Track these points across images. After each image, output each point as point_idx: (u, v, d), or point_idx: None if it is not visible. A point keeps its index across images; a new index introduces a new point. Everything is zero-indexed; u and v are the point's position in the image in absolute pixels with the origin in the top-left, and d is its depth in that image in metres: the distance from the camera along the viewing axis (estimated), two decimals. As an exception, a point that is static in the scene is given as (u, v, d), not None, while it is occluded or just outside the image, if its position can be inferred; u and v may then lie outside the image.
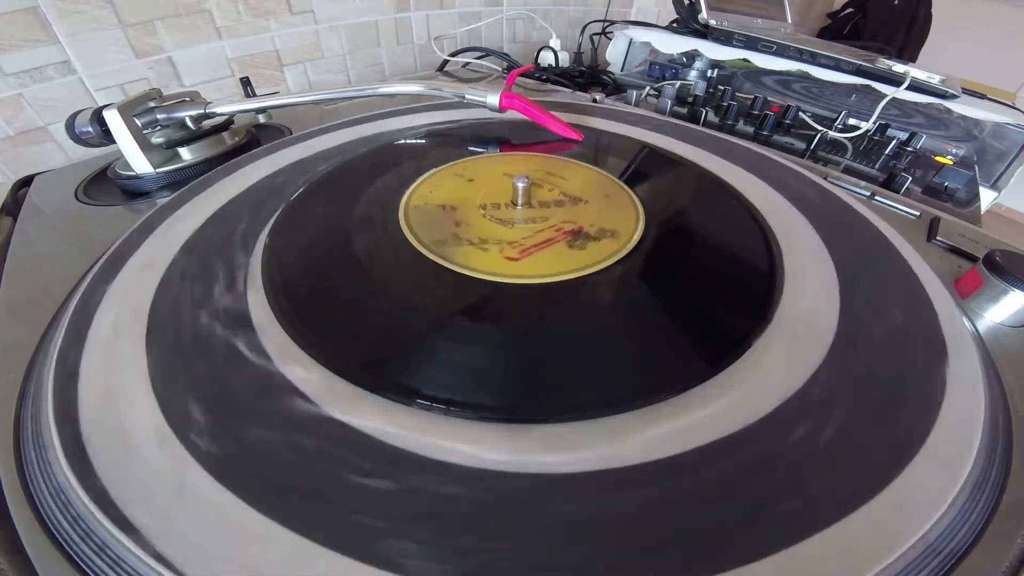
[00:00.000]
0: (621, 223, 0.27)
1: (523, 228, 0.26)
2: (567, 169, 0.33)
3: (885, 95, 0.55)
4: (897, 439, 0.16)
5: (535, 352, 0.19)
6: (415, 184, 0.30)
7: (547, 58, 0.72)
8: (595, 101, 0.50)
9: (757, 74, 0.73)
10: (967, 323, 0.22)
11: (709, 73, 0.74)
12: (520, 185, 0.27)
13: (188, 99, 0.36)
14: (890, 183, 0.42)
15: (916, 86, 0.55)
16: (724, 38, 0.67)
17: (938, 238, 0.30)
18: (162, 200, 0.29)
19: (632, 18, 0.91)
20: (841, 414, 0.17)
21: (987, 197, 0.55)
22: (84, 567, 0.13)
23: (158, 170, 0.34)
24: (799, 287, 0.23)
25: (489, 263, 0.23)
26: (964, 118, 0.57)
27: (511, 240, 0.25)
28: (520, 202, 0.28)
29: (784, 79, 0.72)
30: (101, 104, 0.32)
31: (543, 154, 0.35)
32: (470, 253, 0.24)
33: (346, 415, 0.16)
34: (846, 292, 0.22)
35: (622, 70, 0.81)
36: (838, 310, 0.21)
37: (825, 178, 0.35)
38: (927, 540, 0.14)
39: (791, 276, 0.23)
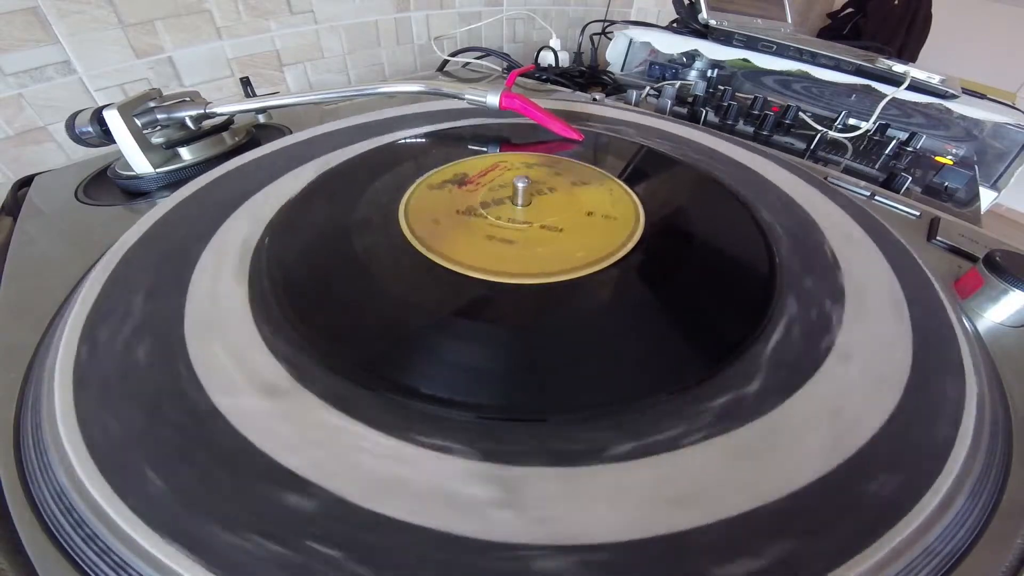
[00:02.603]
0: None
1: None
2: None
3: (885, 95, 0.55)
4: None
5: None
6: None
7: (547, 58, 0.72)
8: (595, 101, 0.50)
9: (757, 74, 0.73)
10: (967, 323, 0.22)
11: (709, 73, 0.74)
12: (520, 185, 0.27)
13: (188, 99, 0.36)
14: (890, 183, 0.42)
15: (916, 86, 0.55)
16: (724, 38, 0.67)
17: (938, 238, 0.30)
18: (162, 200, 0.29)
19: (632, 18, 0.91)
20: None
21: (987, 197, 0.55)
22: (84, 567, 0.13)
23: (158, 170, 0.34)
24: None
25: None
26: (964, 118, 0.57)
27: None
28: (520, 202, 0.28)
29: (784, 79, 0.72)
30: (101, 104, 0.32)
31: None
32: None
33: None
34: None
35: (622, 70, 0.81)
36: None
37: (825, 178, 0.35)
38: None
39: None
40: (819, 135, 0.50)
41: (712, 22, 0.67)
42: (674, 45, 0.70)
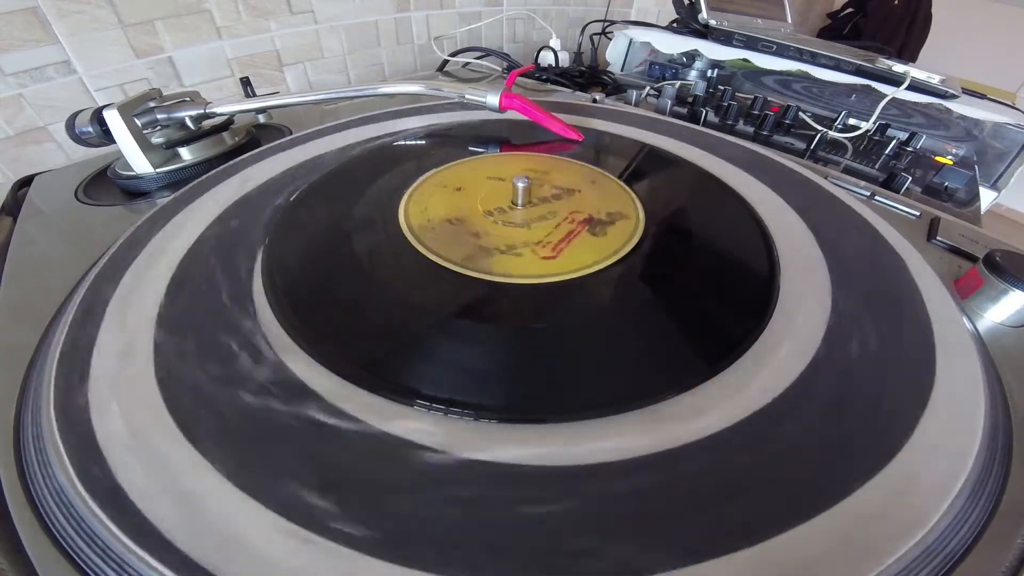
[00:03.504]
0: (620, 215, 0.27)
1: (540, 227, 0.26)
2: (563, 168, 0.33)
3: (885, 95, 0.55)
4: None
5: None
6: (410, 194, 0.30)
7: (547, 58, 0.72)
8: (595, 101, 0.50)
9: (757, 74, 0.73)
10: (967, 323, 0.22)
11: (709, 73, 0.74)
12: (520, 185, 0.27)
13: (188, 99, 0.36)
14: (890, 183, 0.42)
15: (916, 86, 0.55)
16: (724, 38, 0.67)
17: (938, 238, 0.30)
18: (162, 200, 0.29)
19: (632, 18, 0.91)
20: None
21: (987, 197, 0.55)
22: (84, 567, 0.13)
23: (158, 170, 0.34)
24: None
25: (527, 267, 0.23)
26: (964, 118, 0.57)
27: (537, 240, 0.25)
28: (521, 202, 0.28)
29: (784, 79, 0.72)
30: (101, 104, 0.32)
31: (540, 154, 0.35)
32: (505, 261, 0.24)
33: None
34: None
35: (622, 70, 0.81)
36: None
37: (825, 178, 0.35)
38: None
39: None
40: (819, 135, 0.50)
41: (712, 22, 0.67)
42: (674, 45, 0.70)
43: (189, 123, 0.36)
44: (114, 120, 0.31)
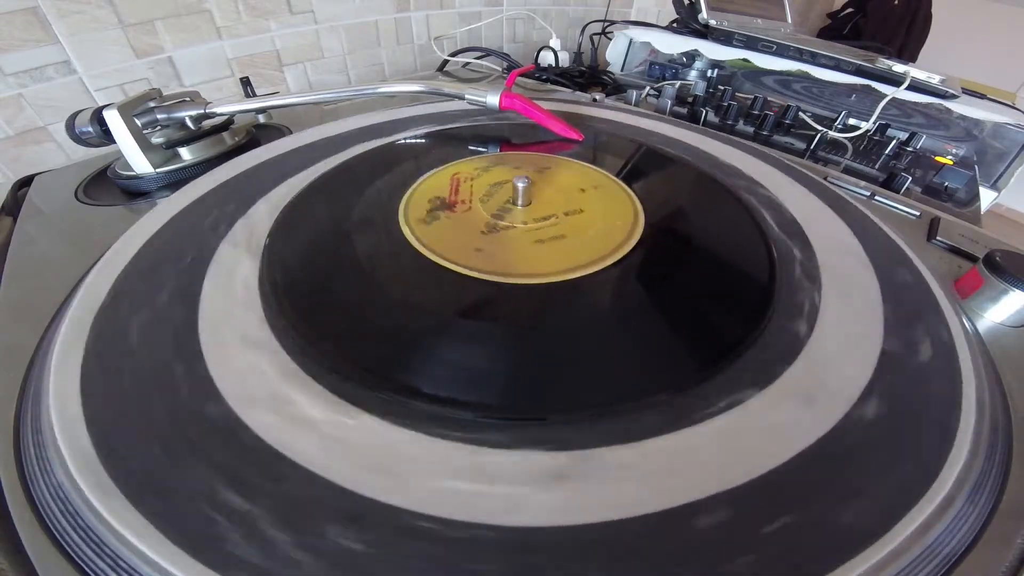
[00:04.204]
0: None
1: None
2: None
3: (885, 95, 0.55)
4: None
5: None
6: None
7: (547, 58, 0.72)
8: (595, 101, 0.50)
9: (757, 74, 0.73)
10: (967, 323, 0.22)
11: (709, 73, 0.74)
12: (520, 185, 0.27)
13: (188, 99, 0.36)
14: (890, 183, 0.42)
15: (916, 86, 0.55)
16: (724, 38, 0.67)
17: (938, 238, 0.30)
18: (162, 200, 0.29)
19: (632, 18, 0.91)
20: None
21: (987, 197, 0.55)
22: (84, 567, 0.13)
23: (158, 170, 0.34)
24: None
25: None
26: (964, 118, 0.57)
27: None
28: (521, 202, 0.28)
29: (784, 79, 0.72)
30: (101, 104, 0.32)
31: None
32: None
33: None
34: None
35: (622, 70, 0.81)
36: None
37: (825, 178, 0.35)
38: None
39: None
40: (819, 135, 0.50)
41: (712, 22, 0.67)
42: (674, 45, 0.70)
43: (189, 123, 0.36)
44: (114, 120, 0.31)
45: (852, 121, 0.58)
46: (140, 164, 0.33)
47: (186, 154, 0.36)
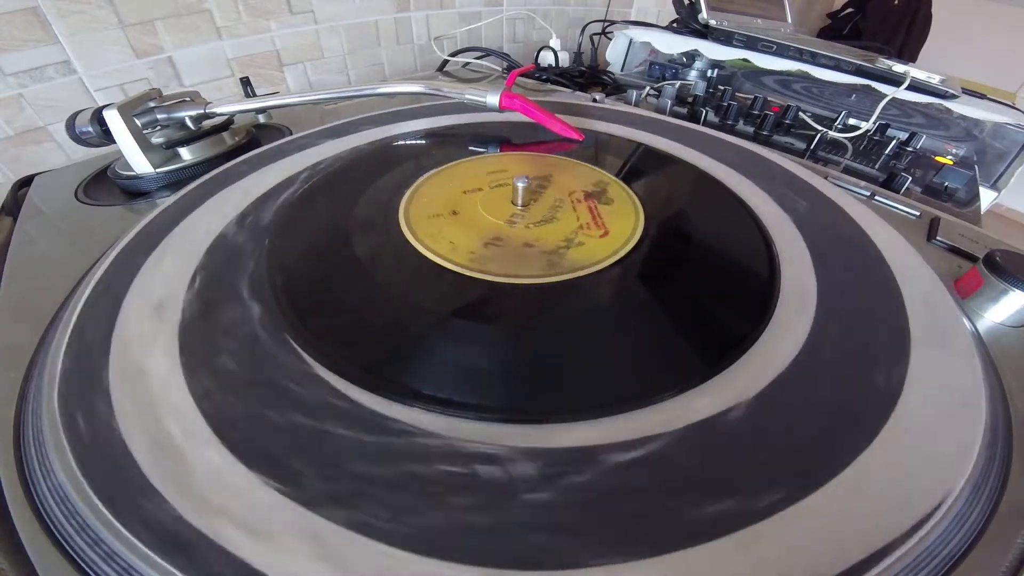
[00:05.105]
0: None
1: (566, 215, 0.27)
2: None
3: (885, 95, 0.55)
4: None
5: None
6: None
7: (547, 58, 0.72)
8: (595, 101, 0.50)
9: (757, 74, 0.73)
10: (967, 323, 0.22)
11: (709, 73, 0.74)
12: (520, 185, 0.27)
13: (188, 99, 0.36)
14: (890, 183, 0.42)
15: (916, 86, 0.55)
16: (724, 38, 0.67)
17: (938, 238, 0.30)
18: (162, 200, 0.29)
19: (632, 18, 0.91)
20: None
21: (987, 197, 0.55)
22: (84, 567, 0.13)
23: (158, 170, 0.34)
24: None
25: (596, 250, 0.24)
26: (964, 118, 0.57)
27: (574, 228, 0.26)
28: (520, 202, 0.28)
29: (784, 79, 0.72)
30: (101, 104, 0.32)
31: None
32: (574, 253, 0.24)
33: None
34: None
35: (622, 70, 0.81)
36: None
37: (825, 178, 0.35)
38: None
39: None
40: (819, 135, 0.50)
41: (712, 22, 0.67)
42: (674, 45, 0.70)
43: (189, 123, 0.36)
44: (114, 120, 0.31)
45: (852, 121, 0.58)
46: (140, 164, 0.33)
47: (186, 154, 0.36)
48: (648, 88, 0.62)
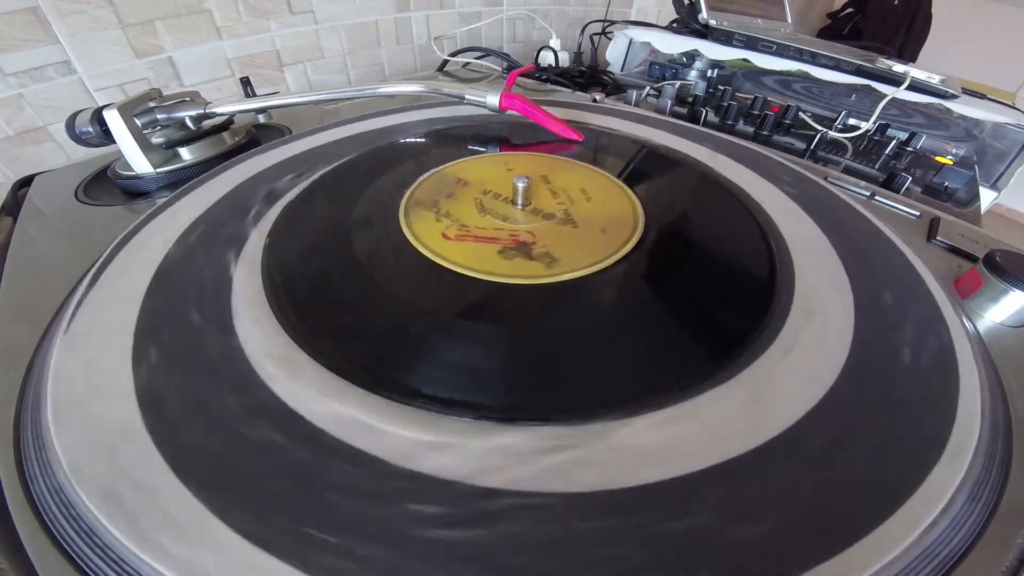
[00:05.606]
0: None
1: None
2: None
3: (885, 95, 0.55)
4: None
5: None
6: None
7: (547, 58, 0.72)
8: (595, 101, 0.50)
9: (757, 74, 0.73)
10: (967, 323, 0.22)
11: (709, 73, 0.74)
12: (520, 185, 0.27)
13: (188, 99, 0.36)
14: (890, 183, 0.42)
15: (916, 86, 0.55)
16: (724, 38, 0.67)
17: (938, 238, 0.30)
18: (162, 200, 0.29)
19: (632, 18, 0.91)
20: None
21: (987, 197, 0.55)
22: (84, 567, 0.13)
23: (158, 170, 0.34)
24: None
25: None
26: (964, 118, 0.57)
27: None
28: (520, 202, 0.28)
29: (784, 79, 0.72)
30: (101, 104, 0.32)
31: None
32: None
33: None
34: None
35: (622, 70, 0.81)
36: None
37: (825, 178, 0.35)
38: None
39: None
40: (819, 135, 0.50)
41: (712, 22, 0.67)
42: (674, 45, 0.70)
43: (189, 123, 0.36)
44: (114, 120, 0.31)
45: (852, 121, 0.58)
46: (140, 164, 0.33)
47: (186, 154, 0.36)
48: (648, 88, 0.62)
